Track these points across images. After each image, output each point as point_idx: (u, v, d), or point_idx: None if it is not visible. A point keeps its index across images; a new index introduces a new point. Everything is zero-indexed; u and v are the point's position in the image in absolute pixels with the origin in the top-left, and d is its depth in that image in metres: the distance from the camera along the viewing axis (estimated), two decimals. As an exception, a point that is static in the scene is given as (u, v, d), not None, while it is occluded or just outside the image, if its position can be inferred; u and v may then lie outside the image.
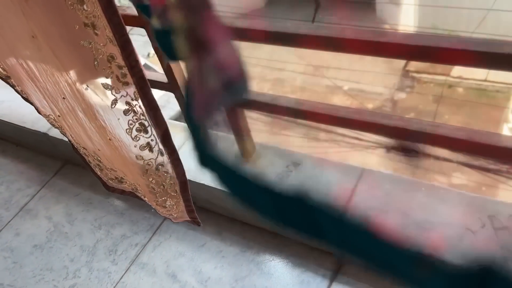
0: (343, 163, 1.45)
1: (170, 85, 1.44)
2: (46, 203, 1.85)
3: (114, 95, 0.86)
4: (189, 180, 1.52)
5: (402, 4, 7.93)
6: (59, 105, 1.07)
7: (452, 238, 1.17)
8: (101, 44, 0.77)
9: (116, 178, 1.25)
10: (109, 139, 1.02)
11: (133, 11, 1.27)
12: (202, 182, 1.51)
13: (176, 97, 1.48)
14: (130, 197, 1.77)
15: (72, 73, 0.91)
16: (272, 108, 1.30)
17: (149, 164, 1.01)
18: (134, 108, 0.88)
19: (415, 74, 9.75)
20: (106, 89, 0.85)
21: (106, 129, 0.97)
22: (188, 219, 1.20)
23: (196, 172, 1.54)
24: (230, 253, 1.51)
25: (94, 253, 1.63)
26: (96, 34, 0.76)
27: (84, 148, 1.25)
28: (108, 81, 0.84)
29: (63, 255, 1.65)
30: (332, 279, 1.36)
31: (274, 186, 0.46)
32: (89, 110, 0.96)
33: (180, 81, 1.42)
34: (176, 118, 7.82)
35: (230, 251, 1.51)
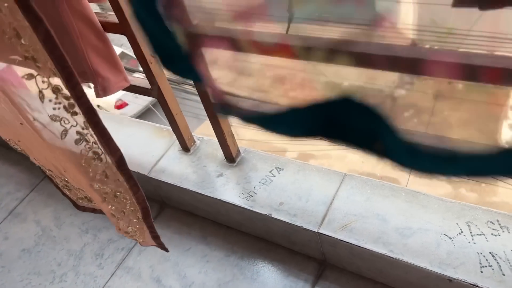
0: (326, 168, 1.45)
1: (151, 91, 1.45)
2: (35, 207, 1.86)
3: (64, 126, 0.85)
4: (174, 185, 1.53)
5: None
6: (19, 131, 1.07)
7: (430, 244, 1.18)
8: (45, 77, 0.76)
9: (86, 197, 1.25)
10: (64, 170, 1.02)
11: (113, 18, 1.28)
12: (186, 187, 1.52)
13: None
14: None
15: (23, 104, 0.91)
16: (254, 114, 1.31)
17: (106, 192, 0.99)
18: (86, 137, 0.87)
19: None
20: (54, 120, 0.85)
21: (64, 155, 0.97)
22: (155, 244, 1.19)
23: (181, 177, 1.55)
24: (214, 258, 1.52)
25: (81, 257, 1.64)
26: (38, 67, 0.76)
27: (49, 170, 1.24)
28: (56, 112, 0.83)
29: (51, 259, 1.66)
30: (314, 284, 1.37)
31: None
32: (44, 138, 0.96)
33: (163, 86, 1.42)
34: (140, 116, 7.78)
35: (215, 255, 1.52)
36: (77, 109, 0.80)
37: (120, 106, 8.12)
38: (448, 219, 1.22)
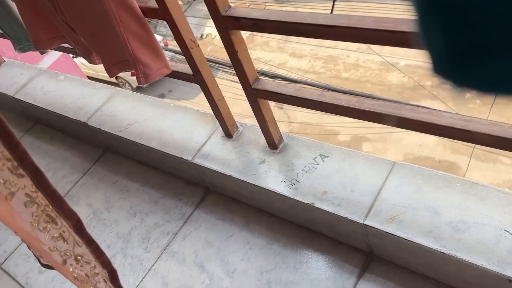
0: (374, 156, 1.37)
1: (194, 77, 1.43)
2: (87, 190, 1.94)
3: (8, 188, 0.76)
4: (217, 171, 1.52)
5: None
6: None
7: (488, 240, 1.08)
8: None
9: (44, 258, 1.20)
10: (15, 231, 0.95)
11: (153, 4, 1.26)
12: (230, 174, 1.51)
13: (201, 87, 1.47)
14: (162, 188, 1.81)
15: None
16: (295, 100, 1.25)
17: (66, 255, 0.92)
18: (36, 200, 0.79)
19: (479, 48, 9.06)
20: None
21: (9, 221, 0.89)
22: None
23: (223, 163, 1.54)
24: (257, 245, 1.50)
25: (129, 240, 1.69)
26: None
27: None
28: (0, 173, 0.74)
29: (101, 241, 1.72)
30: (359, 276, 1.31)
31: None
32: None
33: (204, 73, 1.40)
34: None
35: (257, 243, 1.50)
36: (21, 171, 0.72)
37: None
38: (509, 213, 1.11)
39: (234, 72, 1.33)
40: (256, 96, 1.33)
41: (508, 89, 0.35)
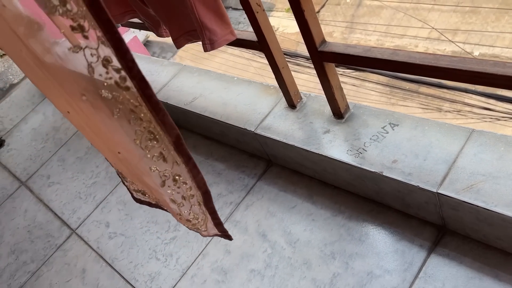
0: (449, 124, 1.28)
1: (259, 45, 1.42)
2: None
3: (115, 103, 0.77)
4: (279, 141, 1.50)
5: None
6: (69, 117, 1.02)
7: None
8: (93, 48, 0.69)
9: (139, 190, 1.18)
10: (118, 152, 0.95)
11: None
12: (292, 143, 1.48)
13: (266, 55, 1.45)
14: (225, 161, 1.82)
15: (68, 84, 0.84)
16: (365, 61, 1.20)
17: (165, 175, 0.92)
18: (140, 115, 0.78)
19: None
20: (106, 97, 0.76)
21: (113, 141, 0.90)
22: (218, 233, 1.10)
23: (286, 134, 1.52)
24: (320, 217, 1.46)
25: (193, 209, 1.72)
26: (86, 37, 0.67)
27: (106, 159, 1.21)
28: (107, 87, 0.74)
29: (164, 212, 1.77)
30: (430, 251, 1.23)
31: None
32: (92, 123, 0.90)
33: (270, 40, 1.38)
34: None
35: (321, 214, 1.46)
36: (129, 82, 0.71)
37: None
38: None
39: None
40: (322, 60, 1.29)
41: None
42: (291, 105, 1.58)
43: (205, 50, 1.40)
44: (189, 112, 1.87)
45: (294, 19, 1.22)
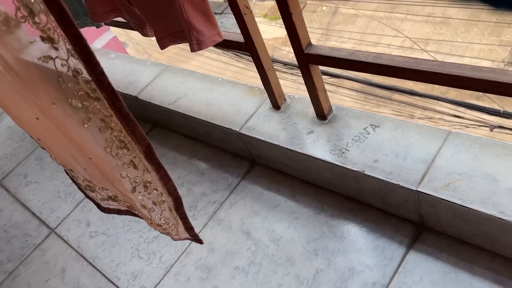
0: (427, 126, 1.34)
1: (246, 46, 1.45)
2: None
3: (86, 112, 0.78)
4: (264, 140, 1.53)
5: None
6: (35, 127, 1.02)
7: (552, 207, 1.03)
8: (64, 58, 0.70)
9: (110, 197, 1.18)
10: (89, 158, 0.96)
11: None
12: (277, 143, 1.51)
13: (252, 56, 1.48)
14: (209, 160, 1.83)
15: (38, 92, 0.85)
16: (349, 63, 1.25)
17: (136, 181, 0.94)
18: (111, 125, 0.79)
19: (529, 48, 8.70)
20: (76, 107, 0.77)
21: (84, 147, 0.91)
22: (189, 237, 1.12)
23: (271, 134, 1.55)
24: (303, 215, 1.50)
25: (176, 208, 1.73)
26: (56, 48, 0.68)
27: (71, 170, 1.19)
28: (77, 97, 0.75)
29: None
30: (409, 247, 1.29)
31: None
32: (63, 129, 0.90)
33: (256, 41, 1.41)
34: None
35: (304, 212, 1.50)
36: (99, 94, 0.73)
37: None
38: None
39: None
40: (308, 62, 1.33)
41: None
42: (276, 106, 1.62)
43: (192, 50, 1.42)
44: (172, 112, 1.88)
45: (272, 25, 1.26)
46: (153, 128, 2.13)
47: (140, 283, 1.55)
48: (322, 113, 1.49)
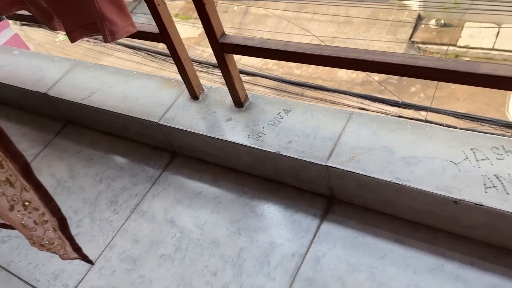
0: (333, 108, 1.48)
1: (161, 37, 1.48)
2: (49, 161, 1.91)
3: None
4: (184, 130, 1.57)
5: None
6: None
7: (436, 170, 1.21)
8: None
9: None
10: None
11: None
12: (197, 132, 1.56)
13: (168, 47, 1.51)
14: (127, 155, 1.83)
15: None
16: (261, 51, 1.33)
17: (14, 200, 0.90)
18: None
19: (421, 45, 9.66)
20: None
21: None
22: (78, 257, 1.10)
23: (190, 123, 1.59)
24: (225, 199, 1.56)
25: (96, 204, 1.70)
26: None
27: None
28: None
29: (67, 208, 1.72)
30: (322, 218, 1.41)
31: None
32: None
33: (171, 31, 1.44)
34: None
35: (226, 196, 1.57)
36: None
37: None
38: (453, 147, 1.25)
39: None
40: (223, 51, 1.40)
41: None
42: (194, 96, 1.66)
43: (106, 41, 1.41)
44: (86, 107, 1.84)
45: (184, 24, 1.30)
46: (66, 125, 2.06)
47: (62, 281, 1.50)
48: (239, 101, 1.56)
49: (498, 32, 8.75)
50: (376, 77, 9.71)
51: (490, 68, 1.01)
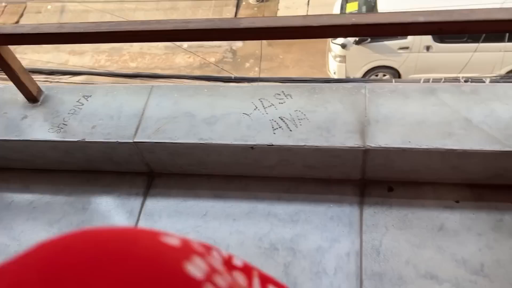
0: (134, 85, 1.48)
1: None
2: None
3: None
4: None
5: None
6: None
7: (233, 124, 1.31)
8: None
9: None
10: None
11: None
12: (-11, 138, 1.40)
13: None
14: None
15: None
16: (35, 38, 1.25)
17: None
18: None
19: (247, 21, 10.20)
20: None
21: None
22: None
23: (-21, 129, 1.42)
24: (40, 202, 1.45)
25: None
26: None
27: None
28: None
29: None
30: (145, 194, 1.42)
31: None
32: None
33: None
34: None
35: (40, 200, 1.46)
36: None
37: None
38: (245, 101, 1.36)
39: None
40: (-6, 44, 1.27)
41: None
42: (-22, 100, 1.48)
43: None
44: None
45: None
46: None
47: None
48: (31, 96, 1.45)
49: (308, 1, 9.72)
50: (212, 58, 9.99)
51: (249, 21, 1.12)
